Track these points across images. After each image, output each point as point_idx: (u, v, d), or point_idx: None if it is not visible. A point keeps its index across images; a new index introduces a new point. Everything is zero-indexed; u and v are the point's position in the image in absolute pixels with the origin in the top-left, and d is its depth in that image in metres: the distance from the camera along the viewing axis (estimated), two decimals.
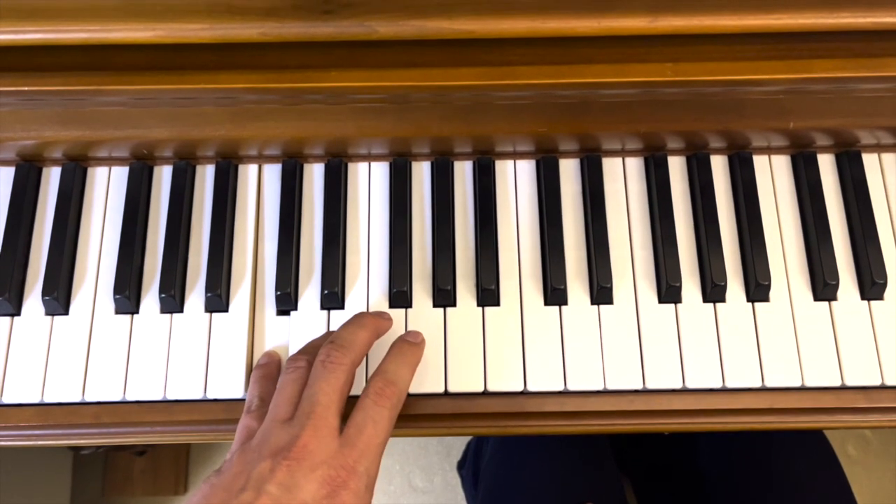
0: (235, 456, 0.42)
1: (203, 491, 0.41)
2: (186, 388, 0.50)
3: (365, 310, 0.52)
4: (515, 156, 0.56)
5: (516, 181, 0.55)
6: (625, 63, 0.42)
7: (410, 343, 0.49)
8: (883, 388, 0.51)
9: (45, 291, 0.51)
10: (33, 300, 0.52)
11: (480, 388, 0.50)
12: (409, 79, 0.43)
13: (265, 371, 0.50)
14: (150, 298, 0.52)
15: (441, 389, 0.50)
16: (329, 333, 0.50)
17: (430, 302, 0.52)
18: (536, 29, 0.40)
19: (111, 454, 1.20)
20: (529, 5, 0.40)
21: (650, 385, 0.50)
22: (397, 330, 0.51)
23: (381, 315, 0.51)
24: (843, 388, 0.51)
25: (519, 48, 0.42)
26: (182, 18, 0.40)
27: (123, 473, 1.22)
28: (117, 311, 0.52)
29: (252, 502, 0.38)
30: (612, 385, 0.50)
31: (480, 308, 0.52)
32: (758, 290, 0.52)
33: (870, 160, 0.55)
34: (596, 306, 0.52)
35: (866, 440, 1.22)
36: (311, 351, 0.47)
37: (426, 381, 0.50)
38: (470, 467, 0.86)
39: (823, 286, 0.52)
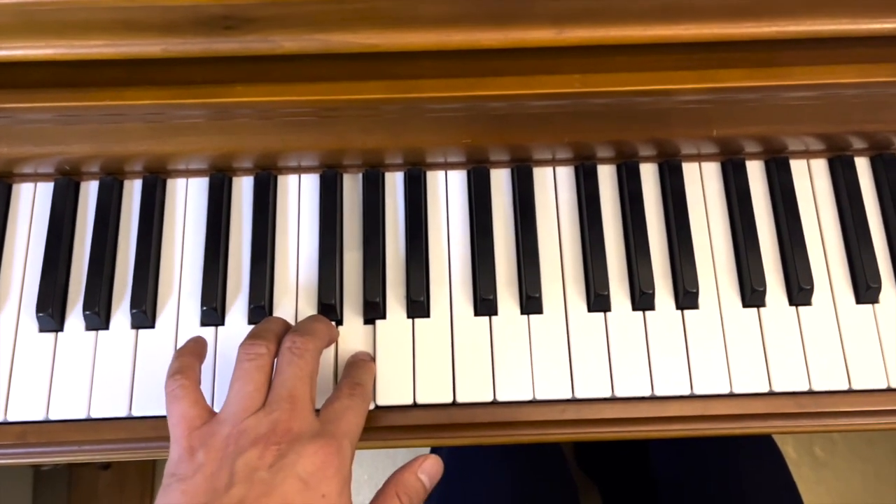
0: (201, 453, 0.39)
1: (172, 499, 0.38)
2: (112, 407, 0.50)
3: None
4: (447, 166, 0.55)
5: (447, 192, 0.55)
6: (534, 75, 0.42)
7: (363, 359, 0.50)
8: (811, 393, 0.51)
9: None
10: None
11: (410, 401, 0.50)
12: (316, 92, 0.42)
13: (195, 347, 0.46)
14: (75, 316, 0.52)
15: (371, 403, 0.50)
16: (269, 318, 0.48)
17: (360, 314, 0.52)
18: (441, 42, 0.40)
19: (75, 468, 1.19)
20: (432, 19, 0.40)
21: (579, 394, 0.50)
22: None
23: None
24: (772, 393, 0.51)
25: (427, 61, 0.42)
26: (81, 35, 0.39)
27: (88, 488, 1.21)
28: (41, 330, 0.51)
29: (245, 495, 0.37)
30: (542, 395, 0.50)
31: (410, 320, 0.52)
32: (686, 297, 0.52)
33: (798, 166, 0.55)
34: (526, 316, 0.52)
35: (833, 441, 1.22)
36: (265, 336, 0.45)
37: None
38: None
39: (751, 292, 0.52)
